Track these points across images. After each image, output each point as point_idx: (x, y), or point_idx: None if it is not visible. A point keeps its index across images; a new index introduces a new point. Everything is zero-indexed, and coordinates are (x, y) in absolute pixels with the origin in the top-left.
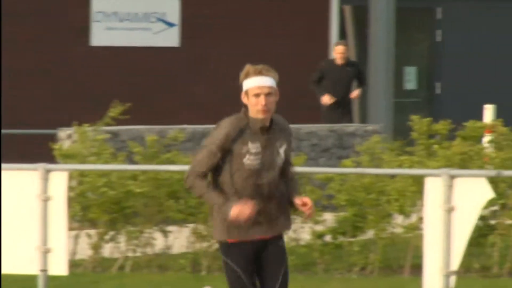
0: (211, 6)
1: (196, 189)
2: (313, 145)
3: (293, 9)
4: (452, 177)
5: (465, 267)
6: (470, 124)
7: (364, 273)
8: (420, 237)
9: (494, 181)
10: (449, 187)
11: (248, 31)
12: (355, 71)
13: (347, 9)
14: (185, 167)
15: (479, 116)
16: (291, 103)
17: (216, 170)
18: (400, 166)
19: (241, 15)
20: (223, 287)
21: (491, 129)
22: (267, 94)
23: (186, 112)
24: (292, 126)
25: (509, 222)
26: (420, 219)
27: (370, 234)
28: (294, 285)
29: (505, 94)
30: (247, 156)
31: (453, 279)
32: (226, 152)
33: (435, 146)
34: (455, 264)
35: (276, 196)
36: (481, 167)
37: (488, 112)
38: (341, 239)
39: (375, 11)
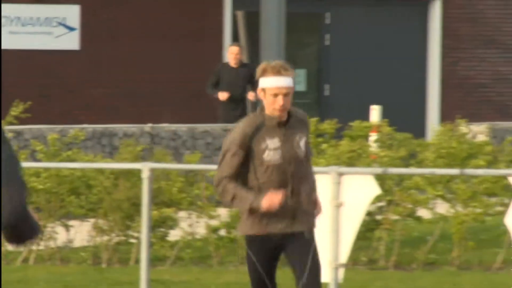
0: (109, 11)
1: (227, 193)
2: (208, 144)
3: (188, 14)
4: (340, 174)
5: (353, 260)
6: (356, 124)
7: None
8: None
9: (381, 178)
10: (338, 184)
11: (145, 34)
12: (249, 72)
13: (240, 14)
14: (86, 165)
15: (366, 116)
16: (187, 103)
17: (240, 171)
18: None
19: (139, 19)
20: (122, 278)
21: (376, 129)
22: (285, 94)
23: (86, 112)
24: (187, 125)
25: (394, 217)
26: None
27: None
28: (190, 277)
29: (390, 95)
30: (267, 152)
31: (341, 271)
32: (247, 150)
33: (324, 145)
34: (344, 257)
35: (301, 190)
36: (368, 165)
37: (375, 113)
38: (235, 233)
39: (266, 16)
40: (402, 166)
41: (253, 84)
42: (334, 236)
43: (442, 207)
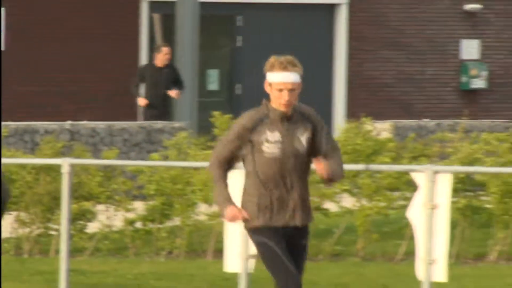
0: (34, 12)
1: (214, 177)
2: (125, 140)
3: (107, 16)
4: None
5: None
6: None
7: (171, 257)
8: (222, 224)
9: None
10: None
11: (67, 36)
12: (173, 73)
13: (156, 16)
14: (8, 160)
15: None
16: (105, 102)
17: (243, 162)
18: (204, 159)
19: (61, 21)
20: (42, 268)
21: None
22: (291, 90)
23: (11, 110)
24: (105, 123)
25: None
26: None
27: (176, 221)
28: (107, 267)
29: (298, 94)
30: (266, 145)
31: (252, 262)
32: (246, 142)
33: None
34: (254, 248)
35: (300, 185)
36: None
37: None
38: (150, 225)
39: (181, 19)
40: None
41: (178, 84)
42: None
43: (348, 201)
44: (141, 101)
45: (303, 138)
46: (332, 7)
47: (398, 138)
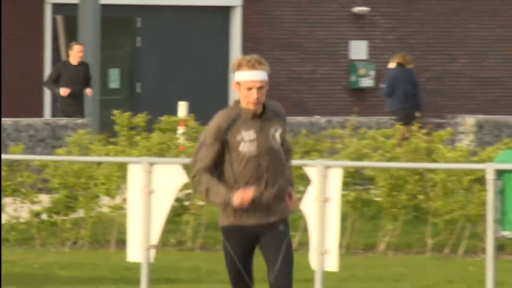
0: None
1: (201, 185)
2: (31, 136)
3: (12, 17)
4: (151, 164)
5: (164, 242)
6: (165, 118)
7: (76, 247)
8: (124, 216)
9: (188, 168)
10: (149, 173)
11: None
12: (87, 70)
13: (59, 18)
14: None
15: (174, 111)
16: (12, 98)
17: (217, 163)
18: (106, 154)
19: None
20: None
21: (184, 123)
22: (259, 88)
23: None
24: (11, 119)
25: (200, 203)
26: (124, 200)
27: (80, 213)
28: (15, 257)
29: (196, 92)
30: (242, 144)
31: (153, 252)
32: (223, 143)
33: (136, 137)
34: (155, 239)
35: (277, 182)
36: (176, 155)
37: (182, 108)
38: (55, 217)
39: (83, 20)
40: None
41: (89, 82)
42: (146, 220)
43: None
44: (64, 91)
45: (277, 135)
46: (227, 10)
47: (290, 134)
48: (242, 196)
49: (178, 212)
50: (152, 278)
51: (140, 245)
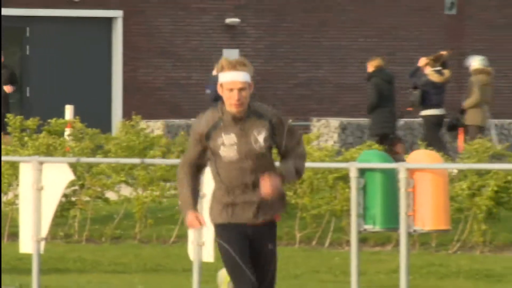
0: None
1: (178, 180)
2: None
3: None
4: (41, 163)
5: (52, 234)
6: (53, 121)
7: None
8: (16, 211)
9: (74, 166)
10: (39, 171)
11: None
12: (7, 72)
13: None
14: None
15: (61, 114)
16: None
17: (210, 164)
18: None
19: None
20: None
21: (70, 125)
22: (241, 89)
23: None
24: None
25: (86, 198)
26: (16, 196)
27: None
28: None
29: (81, 96)
30: (222, 148)
31: (42, 244)
32: (204, 146)
33: (26, 138)
34: (44, 232)
35: (266, 176)
36: (63, 155)
37: (69, 111)
38: None
39: None
40: (91, 156)
41: (13, 82)
42: (36, 214)
43: (126, 190)
44: (8, 88)
45: (261, 137)
46: (109, 21)
47: (169, 135)
48: (190, 223)
49: (65, 207)
50: (42, 268)
51: (31, 237)
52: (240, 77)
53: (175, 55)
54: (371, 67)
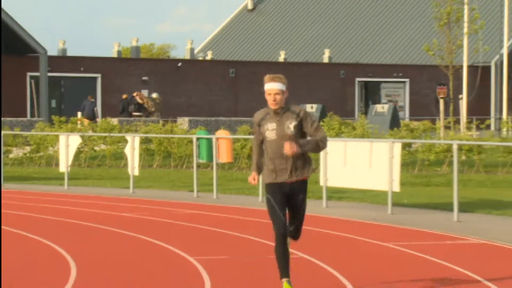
0: None
1: (253, 151)
2: None
3: None
4: (68, 135)
5: (73, 164)
6: (73, 118)
7: None
8: (58, 154)
9: (82, 137)
10: (67, 137)
11: None
12: None
13: None
14: None
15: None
16: None
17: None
18: None
19: None
20: None
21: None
22: (277, 94)
23: None
24: None
25: (86, 149)
26: (58, 149)
27: None
28: None
29: None
30: (267, 132)
31: (69, 168)
32: (260, 130)
33: (62, 125)
34: (69, 163)
35: (292, 156)
36: (78, 131)
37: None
38: None
39: None
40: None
41: None
42: (65, 156)
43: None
44: None
45: (291, 125)
46: None
47: None
48: (250, 179)
49: (77, 152)
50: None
51: (64, 165)
52: (276, 86)
53: None
54: None
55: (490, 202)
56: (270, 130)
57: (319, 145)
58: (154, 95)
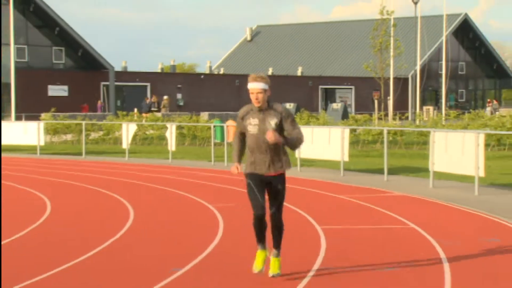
0: None
1: (233, 143)
2: None
3: None
4: (128, 124)
5: (132, 143)
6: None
7: None
8: (121, 137)
9: (138, 125)
10: (128, 125)
11: None
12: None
13: None
14: None
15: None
16: None
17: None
18: None
19: None
20: None
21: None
22: (259, 92)
23: None
24: None
25: (139, 132)
26: (120, 134)
27: None
28: None
29: None
30: (249, 126)
31: (129, 146)
32: (243, 123)
33: (124, 117)
34: (129, 141)
35: (271, 149)
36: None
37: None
38: None
39: None
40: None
41: None
42: (127, 140)
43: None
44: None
45: (272, 122)
46: None
47: None
48: (232, 169)
49: (135, 134)
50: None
51: (125, 143)
52: (259, 85)
53: None
54: None
55: (408, 168)
56: (253, 125)
57: (297, 143)
58: (165, 97)
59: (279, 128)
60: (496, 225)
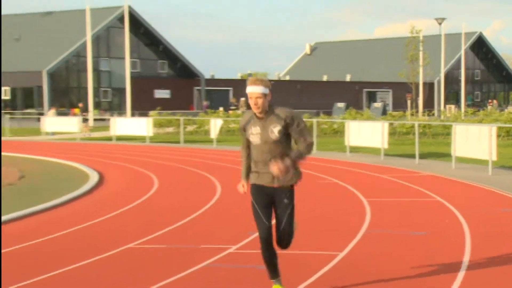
0: None
1: (241, 157)
2: None
3: None
4: (216, 118)
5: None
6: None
7: None
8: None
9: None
10: (216, 120)
11: None
12: None
13: None
14: None
15: None
16: None
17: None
18: None
19: None
20: None
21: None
22: (258, 97)
23: None
24: None
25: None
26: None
27: None
28: None
29: None
30: (251, 136)
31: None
32: (244, 134)
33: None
34: (217, 132)
35: (276, 159)
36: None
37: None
38: None
39: None
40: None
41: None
42: (215, 128)
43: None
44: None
45: (275, 130)
46: None
47: None
48: (238, 187)
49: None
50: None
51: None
52: (257, 90)
53: None
54: None
55: (435, 154)
56: (254, 134)
57: (305, 155)
58: (242, 99)
59: (283, 135)
60: (506, 199)
